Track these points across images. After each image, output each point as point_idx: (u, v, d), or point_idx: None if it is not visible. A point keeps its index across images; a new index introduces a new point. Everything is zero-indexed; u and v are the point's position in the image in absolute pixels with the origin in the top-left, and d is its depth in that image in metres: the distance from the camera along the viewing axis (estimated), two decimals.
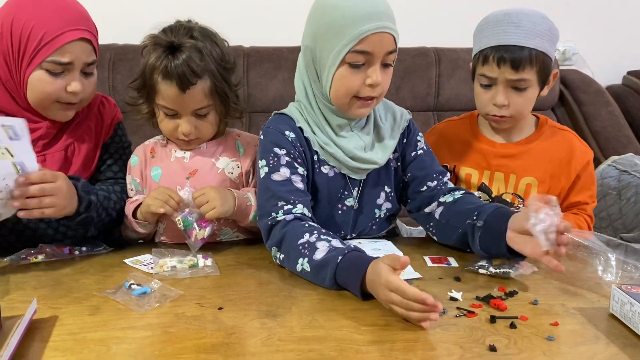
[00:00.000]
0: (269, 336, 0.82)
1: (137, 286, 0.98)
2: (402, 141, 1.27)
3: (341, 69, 1.10)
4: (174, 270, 1.07)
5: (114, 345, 0.80)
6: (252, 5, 2.29)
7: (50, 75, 1.14)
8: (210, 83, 1.19)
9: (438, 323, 0.87)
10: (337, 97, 1.14)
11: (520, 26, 1.21)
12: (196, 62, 1.15)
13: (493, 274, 1.06)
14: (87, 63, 1.17)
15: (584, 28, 2.46)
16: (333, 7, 1.09)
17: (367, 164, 1.20)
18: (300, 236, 1.06)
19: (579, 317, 0.90)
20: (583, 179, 1.33)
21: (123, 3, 2.25)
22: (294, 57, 2.13)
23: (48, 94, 1.15)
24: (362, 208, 1.25)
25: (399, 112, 1.29)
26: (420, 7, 2.34)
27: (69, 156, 1.23)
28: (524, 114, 1.31)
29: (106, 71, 2.08)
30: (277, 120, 1.22)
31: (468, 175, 1.37)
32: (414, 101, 2.22)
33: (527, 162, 1.33)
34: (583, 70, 2.50)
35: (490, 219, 1.08)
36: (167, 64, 1.15)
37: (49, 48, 1.11)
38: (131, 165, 1.31)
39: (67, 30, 1.12)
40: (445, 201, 1.21)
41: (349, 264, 0.97)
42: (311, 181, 1.20)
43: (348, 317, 0.89)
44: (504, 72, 1.23)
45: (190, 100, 1.18)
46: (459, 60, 2.24)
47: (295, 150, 1.18)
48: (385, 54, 1.10)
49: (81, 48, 1.15)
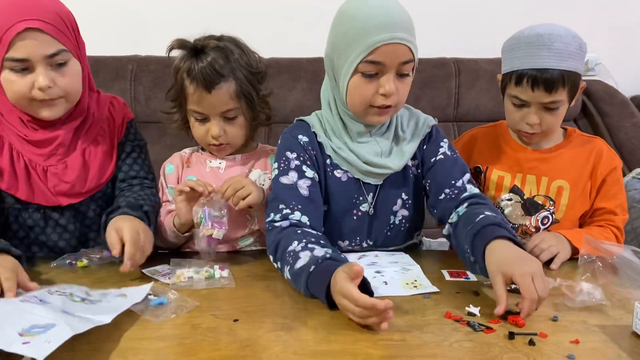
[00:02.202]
0: (283, 349, 0.82)
1: (154, 296, 0.98)
2: (422, 147, 1.27)
3: (355, 77, 1.12)
4: (191, 280, 1.08)
5: (130, 355, 0.80)
6: (272, 16, 2.31)
7: (15, 74, 1.09)
8: (235, 85, 1.22)
9: (455, 339, 0.85)
10: (353, 105, 1.16)
11: (552, 49, 1.20)
12: (219, 63, 1.18)
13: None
14: (49, 55, 1.09)
15: (608, 38, 2.43)
16: (349, 17, 1.11)
17: (381, 169, 1.20)
18: (289, 244, 1.07)
19: (600, 335, 0.88)
20: (609, 184, 1.32)
21: (145, 15, 2.29)
22: (313, 68, 2.17)
23: (19, 93, 1.10)
24: (378, 214, 1.24)
25: (422, 119, 1.29)
26: (439, 18, 2.33)
27: (87, 160, 1.24)
28: (554, 130, 1.32)
29: (128, 82, 2.11)
30: (295, 125, 1.27)
31: (500, 177, 1.37)
32: (433, 112, 2.15)
33: (558, 165, 1.33)
34: (607, 81, 2.46)
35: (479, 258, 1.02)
36: (191, 65, 1.18)
37: (2, 46, 1.06)
38: (167, 173, 1.33)
39: (13, 24, 1.05)
40: (452, 222, 1.17)
41: (319, 273, 0.97)
42: (324, 185, 1.22)
43: (363, 332, 0.88)
44: (537, 95, 1.23)
45: (217, 101, 1.21)
46: (479, 71, 2.23)
47: (306, 153, 1.20)
48: (399, 64, 1.10)
49: (35, 40, 1.07)
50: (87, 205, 1.26)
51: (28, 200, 1.19)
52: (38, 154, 1.19)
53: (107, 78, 2.07)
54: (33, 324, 0.81)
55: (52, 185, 1.19)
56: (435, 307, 0.98)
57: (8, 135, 1.18)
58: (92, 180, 1.23)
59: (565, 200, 1.32)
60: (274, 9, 2.32)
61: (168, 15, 2.28)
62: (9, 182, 1.17)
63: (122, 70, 2.10)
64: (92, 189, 1.24)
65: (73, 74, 1.15)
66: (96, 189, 1.25)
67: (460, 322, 0.91)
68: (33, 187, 1.19)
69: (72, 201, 1.22)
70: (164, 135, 1.43)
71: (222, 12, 2.23)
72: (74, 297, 0.95)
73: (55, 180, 1.19)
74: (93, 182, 1.24)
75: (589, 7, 2.40)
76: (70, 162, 1.21)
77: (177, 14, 2.26)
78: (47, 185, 1.19)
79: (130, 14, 2.26)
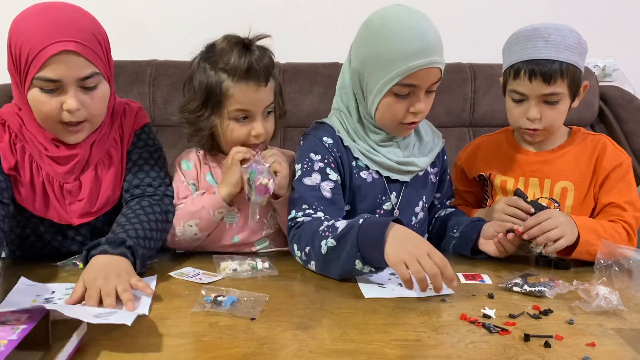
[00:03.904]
0: (299, 348, 0.83)
1: (222, 297, 0.98)
2: (441, 158, 1.35)
3: (387, 98, 1.15)
4: (235, 272, 1.13)
5: (150, 352, 0.82)
6: (290, 22, 2.34)
7: (43, 93, 1.06)
8: (274, 82, 1.25)
9: (470, 340, 0.86)
10: (383, 121, 1.20)
11: (549, 40, 1.22)
12: (269, 58, 1.21)
13: (528, 292, 1.05)
14: (82, 77, 1.07)
15: (625, 44, 2.41)
16: (383, 38, 1.12)
17: (409, 166, 1.25)
18: (319, 225, 1.10)
19: (617, 339, 0.88)
20: (613, 179, 1.30)
21: (164, 19, 2.32)
22: (329, 73, 2.19)
23: (46, 113, 1.08)
24: (402, 213, 1.27)
25: (436, 131, 1.36)
26: (455, 23, 2.33)
27: (99, 176, 1.20)
28: (556, 126, 1.32)
29: (147, 86, 2.14)
30: (318, 127, 1.29)
31: (503, 182, 1.39)
32: (449, 117, 2.21)
33: (562, 166, 1.33)
34: (624, 87, 2.44)
35: (465, 229, 1.26)
36: (247, 61, 1.17)
37: (35, 64, 1.04)
38: (185, 170, 1.31)
39: (50, 44, 1.02)
40: (439, 215, 1.38)
41: (372, 222, 1.03)
42: (348, 187, 1.24)
43: (379, 331, 0.89)
44: (535, 86, 1.24)
45: (266, 96, 1.22)
46: (494, 76, 2.22)
47: (331, 155, 1.22)
48: (430, 84, 1.15)
49: (69, 62, 1.05)
50: (102, 221, 1.23)
51: (42, 215, 1.17)
52: (57, 171, 1.16)
53: (126, 82, 2.11)
54: (99, 312, 0.86)
55: (67, 203, 1.18)
56: (451, 308, 0.98)
57: (30, 148, 1.15)
58: (103, 198, 1.20)
59: (570, 201, 1.32)
60: (292, 14, 2.34)
61: (188, 20, 2.31)
62: (26, 195, 1.15)
63: (141, 75, 2.13)
64: (102, 207, 1.21)
65: (101, 98, 1.13)
66: (107, 206, 1.22)
67: (475, 324, 0.91)
68: (48, 203, 1.17)
69: (83, 221, 1.19)
70: (182, 138, 1.46)
71: (241, 18, 2.25)
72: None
73: (70, 198, 1.17)
74: (104, 200, 1.20)
75: (606, 13, 2.39)
76: (83, 180, 1.18)
77: (197, 20, 2.29)
78: (62, 203, 1.17)
79: (148, 18, 2.30)
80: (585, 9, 2.35)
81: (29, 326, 0.75)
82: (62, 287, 1.05)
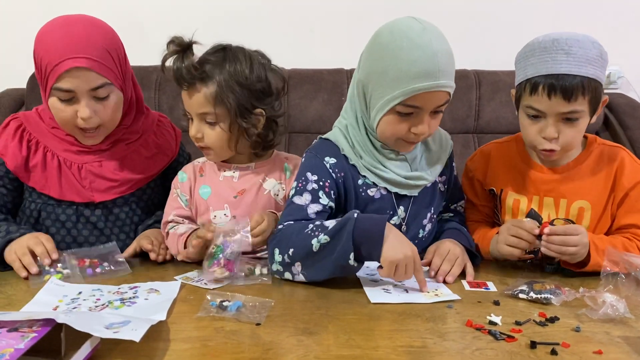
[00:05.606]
0: (305, 353, 0.83)
1: (227, 302, 0.98)
2: (450, 165, 1.32)
3: (389, 115, 1.12)
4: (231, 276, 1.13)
5: (156, 356, 0.82)
6: (295, 28, 2.34)
7: (61, 102, 1.19)
8: (214, 90, 1.19)
9: (476, 346, 0.86)
10: (383, 136, 1.17)
11: (570, 53, 1.12)
12: (196, 67, 1.20)
13: (534, 299, 1.04)
14: (93, 88, 1.19)
15: (630, 51, 2.41)
16: (391, 55, 1.07)
17: (417, 180, 1.22)
18: (303, 227, 1.09)
19: (623, 346, 0.87)
20: (633, 198, 1.23)
21: (169, 25, 2.33)
22: (334, 79, 2.19)
23: (63, 119, 1.21)
24: (409, 227, 1.25)
25: (444, 135, 1.32)
26: (460, 30, 2.33)
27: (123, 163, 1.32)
28: (573, 145, 1.23)
29: (152, 92, 2.15)
30: (321, 145, 1.24)
31: (516, 201, 1.30)
32: (454, 123, 2.20)
33: (578, 185, 1.25)
34: (629, 94, 2.44)
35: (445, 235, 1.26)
36: (175, 65, 1.22)
37: (52, 76, 1.16)
38: (180, 182, 1.34)
39: (65, 59, 1.15)
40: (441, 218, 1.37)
41: (365, 216, 1.04)
42: (354, 206, 1.20)
43: (385, 337, 0.88)
44: (554, 103, 1.14)
45: (195, 102, 1.22)
46: (499, 83, 2.22)
47: (330, 177, 1.18)
48: (436, 107, 1.11)
49: (80, 75, 1.16)
50: (120, 207, 1.33)
51: (59, 197, 1.26)
52: (73, 153, 1.28)
53: None
54: (112, 322, 0.86)
55: (87, 182, 1.28)
56: (456, 315, 0.98)
57: (45, 140, 1.28)
58: (125, 182, 1.31)
59: (587, 222, 1.24)
60: (297, 20, 2.35)
61: (192, 26, 2.31)
62: (39, 180, 1.26)
63: (147, 80, 2.14)
64: (125, 190, 1.32)
65: (113, 106, 1.24)
66: (129, 190, 1.32)
67: (481, 331, 0.91)
68: (64, 185, 1.27)
69: (105, 198, 1.29)
70: (187, 143, 1.48)
71: (245, 24, 2.27)
72: (113, 305, 1.00)
73: (91, 177, 1.28)
74: (126, 184, 1.32)
75: (611, 19, 2.39)
76: (105, 162, 1.30)
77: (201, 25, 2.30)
78: (82, 183, 1.28)
79: (154, 25, 2.31)
80: (590, 17, 2.35)
81: (38, 334, 0.75)
82: (88, 288, 1.09)
